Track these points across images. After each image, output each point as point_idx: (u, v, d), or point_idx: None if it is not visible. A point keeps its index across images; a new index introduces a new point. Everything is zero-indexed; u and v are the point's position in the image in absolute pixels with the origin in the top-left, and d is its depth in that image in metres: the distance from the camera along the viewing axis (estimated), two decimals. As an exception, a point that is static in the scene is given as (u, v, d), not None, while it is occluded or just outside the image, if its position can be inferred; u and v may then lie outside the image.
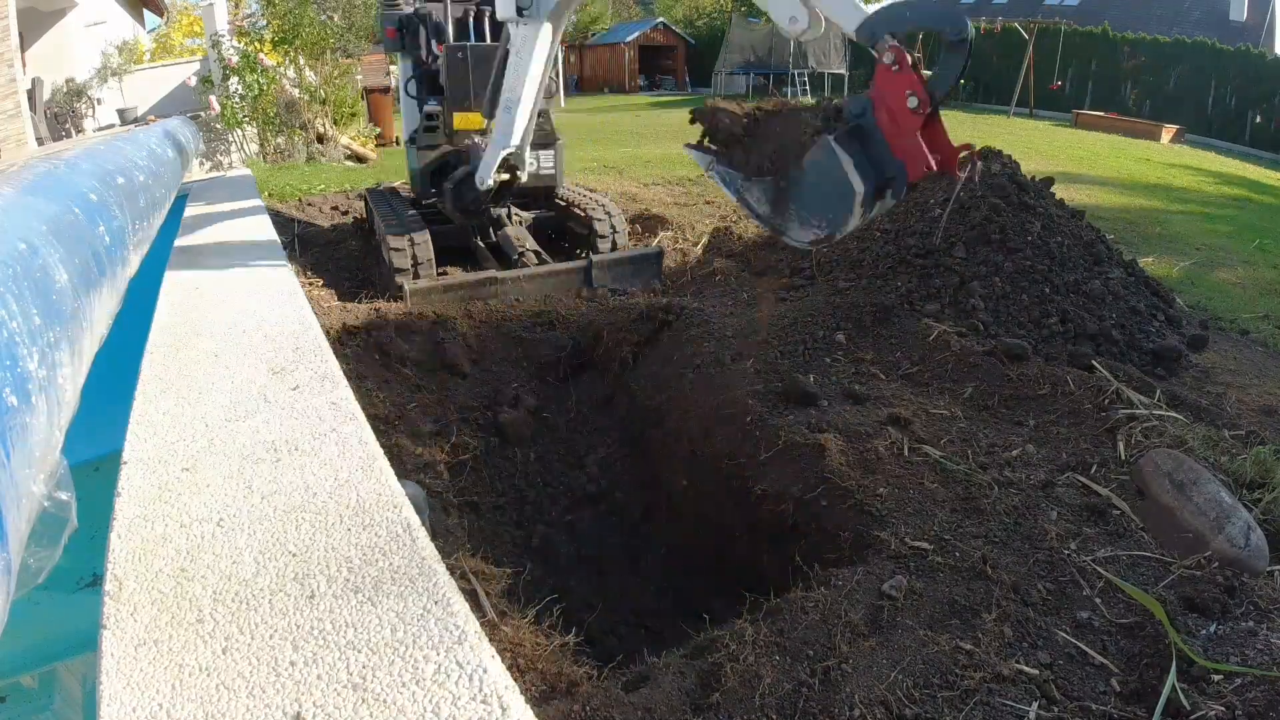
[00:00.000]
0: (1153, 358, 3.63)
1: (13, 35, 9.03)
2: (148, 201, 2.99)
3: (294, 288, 2.99)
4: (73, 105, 10.98)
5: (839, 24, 2.50)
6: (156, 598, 1.23)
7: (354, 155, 11.22)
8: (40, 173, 2.11)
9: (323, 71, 11.23)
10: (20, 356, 1.17)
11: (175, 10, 18.06)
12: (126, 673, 1.08)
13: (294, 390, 1.99)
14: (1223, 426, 2.97)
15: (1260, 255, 6.56)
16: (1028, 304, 3.74)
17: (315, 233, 6.10)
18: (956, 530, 2.34)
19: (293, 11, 10.36)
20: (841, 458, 2.71)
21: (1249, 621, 1.96)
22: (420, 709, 1.00)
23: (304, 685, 1.05)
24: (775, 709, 1.73)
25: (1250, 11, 23.26)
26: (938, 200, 4.32)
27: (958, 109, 20.01)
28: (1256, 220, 8.19)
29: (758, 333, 3.74)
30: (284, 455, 1.66)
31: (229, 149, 10.48)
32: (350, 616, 1.18)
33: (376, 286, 4.75)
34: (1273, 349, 4.23)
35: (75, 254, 1.72)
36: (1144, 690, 1.77)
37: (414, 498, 2.02)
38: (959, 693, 1.75)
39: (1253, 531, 2.26)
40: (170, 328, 2.52)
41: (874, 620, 1.98)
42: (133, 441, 1.75)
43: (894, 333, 3.70)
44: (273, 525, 1.42)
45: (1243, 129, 18.65)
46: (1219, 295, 5.19)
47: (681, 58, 31.58)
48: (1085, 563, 2.18)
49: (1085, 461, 2.71)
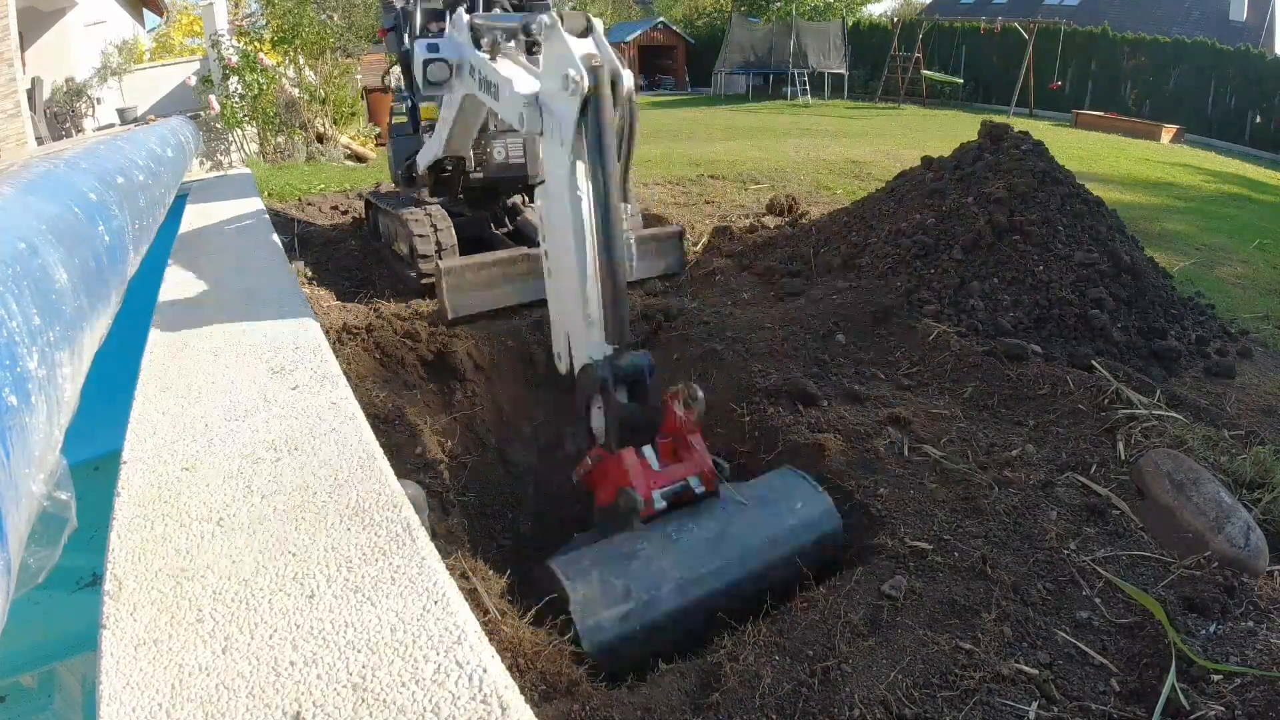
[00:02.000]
0: (1152, 357, 3.63)
1: (13, 35, 9.02)
2: (148, 201, 2.99)
3: (294, 287, 2.99)
4: (72, 105, 10.97)
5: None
6: (156, 597, 1.23)
7: (354, 155, 11.22)
8: (40, 172, 2.11)
9: (322, 71, 11.23)
10: (20, 356, 1.17)
11: (175, 10, 18.06)
12: (126, 673, 1.08)
13: (294, 390, 1.99)
14: (1223, 426, 2.97)
15: (1260, 255, 6.56)
16: (1028, 304, 3.74)
17: (315, 232, 6.09)
18: (956, 530, 2.34)
19: (292, 11, 10.36)
20: (841, 458, 2.71)
21: (1249, 621, 1.96)
22: (420, 709, 1.00)
23: (304, 685, 1.05)
24: (775, 709, 1.73)
25: (1250, 11, 23.26)
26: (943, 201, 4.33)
27: (958, 109, 20.03)
28: (1256, 220, 8.19)
29: (758, 333, 3.74)
30: (284, 455, 1.66)
31: (229, 149, 10.48)
32: (350, 616, 1.18)
33: (377, 286, 4.74)
34: (1273, 349, 4.23)
35: (75, 254, 1.72)
36: (1144, 690, 1.77)
37: (414, 498, 2.02)
38: (959, 692, 1.75)
39: (1252, 531, 2.26)
40: (170, 327, 2.52)
41: (874, 620, 1.98)
42: (132, 441, 1.75)
43: (894, 333, 3.70)
44: (273, 525, 1.42)
45: (1243, 129, 18.65)
46: (1219, 295, 5.18)
47: (681, 57, 31.58)
48: (1085, 563, 2.18)
49: (1085, 461, 2.70)
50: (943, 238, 4.11)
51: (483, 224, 5.06)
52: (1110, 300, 3.76)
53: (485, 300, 4.07)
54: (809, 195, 7.26)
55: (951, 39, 22.97)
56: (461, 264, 4.09)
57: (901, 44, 21.56)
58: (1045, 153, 4.42)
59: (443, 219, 4.51)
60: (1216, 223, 7.68)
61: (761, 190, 7.56)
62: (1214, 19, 23.32)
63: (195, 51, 14.15)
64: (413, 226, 4.42)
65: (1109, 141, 14.29)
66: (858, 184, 7.70)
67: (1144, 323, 3.79)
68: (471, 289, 4.04)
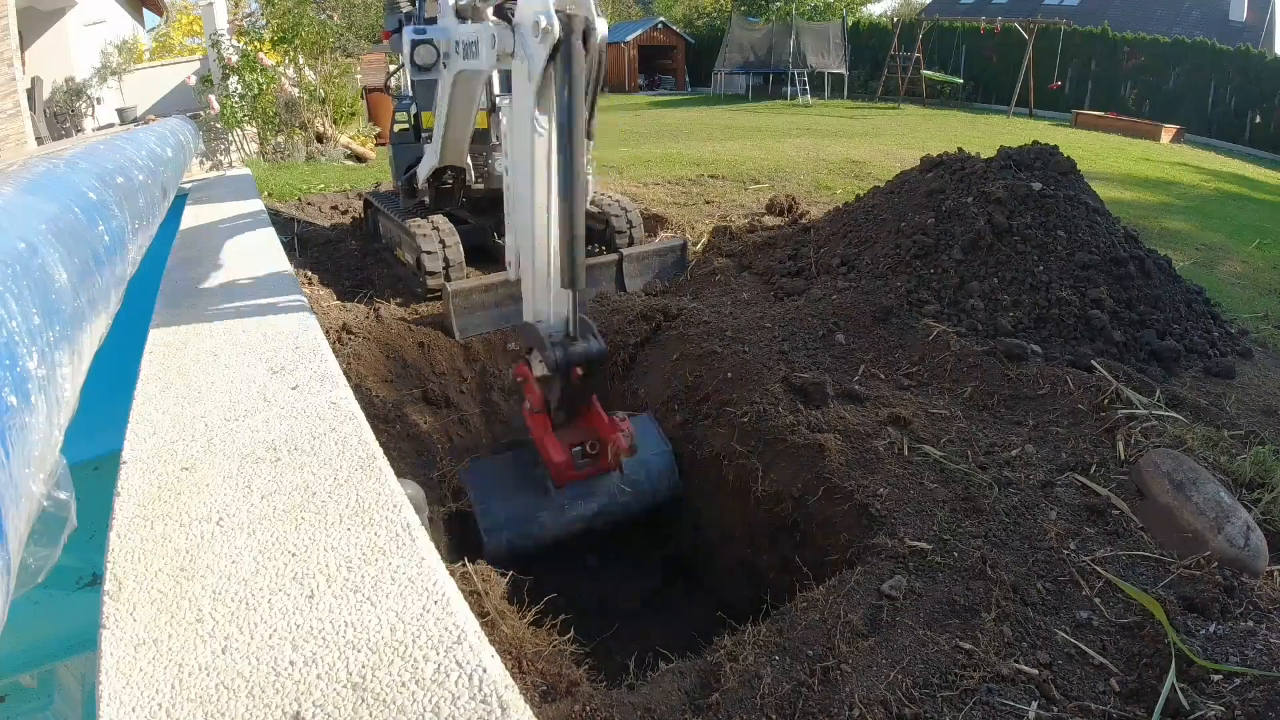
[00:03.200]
0: (1152, 357, 3.63)
1: (12, 34, 9.02)
2: (147, 201, 2.99)
3: (294, 287, 2.99)
4: (72, 104, 10.98)
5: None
6: (156, 597, 1.23)
7: (353, 155, 11.22)
8: (40, 172, 2.11)
9: (322, 71, 11.23)
10: (20, 356, 1.16)
11: (175, 9, 18.06)
12: (126, 672, 1.08)
13: (293, 389, 1.99)
14: (1222, 426, 2.97)
15: (1260, 255, 6.56)
16: (1029, 305, 3.74)
17: (315, 232, 6.09)
18: (956, 530, 2.34)
19: (292, 11, 10.36)
20: (841, 458, 2.71)
21: (1248, 621, 1.96)
22: (420, 709, 1.00)
23: (304, 685, 1.05)
24: (775, 709, 1.73)
25: (1250, 11, 23.25)
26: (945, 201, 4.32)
27: (957, 109, 20.02)
28: (1255, 220, 8.19)
29: (757, 332, 3.74)
30: (284, 455, 1.66)
31: (229, 148, 10.47)
32: (350, 616, 1.18)
33: (377, 286, 4.74)
34: (1272, 349, 4.22)
35: (75, 253, 1.72)
36: (1143, 690, 1.77)
37: (414, 498, 2.02)
38: (958, 692, 1.75)
39: (1252, 532, 2.26)
40: (170, 327, 2.52)
41: (873, 620, 1.98)
42: (132, 441, 1.75)
43: (894, 333, 3.70)
44: (273, 525, 1.42)
45: (1243, 129, 18.62)
46: (1219, 294, 5.18)
47: (681, 57, 31.57)
48: (1085, 563, 2.18)
49: (1085, 461, 2.70)
50: (943, 238, 4.11)
51: (485, 233, 5.07)
52: (1110, 300, 3.75)
53: (492, 320, 4.19)
54: (809, 195, 7.26)
55: (951, 39, 22.96)
56: (469, 286, 4.19)
57: (901, 44, 21.55)
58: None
59: (450, 233, 4.53)
60: (1216, 222, 7.68)
61: (761, 190, 7.56)
62: (1214, 19, 23.31)
63: (195, 51, 14.17)
64: (420, 241, 4.44)
65: (1109, 141, 14.28)
66: (857, 184, 7.70)
67: (1144, 322, 3.79)
68: (479, 310, 4.15)
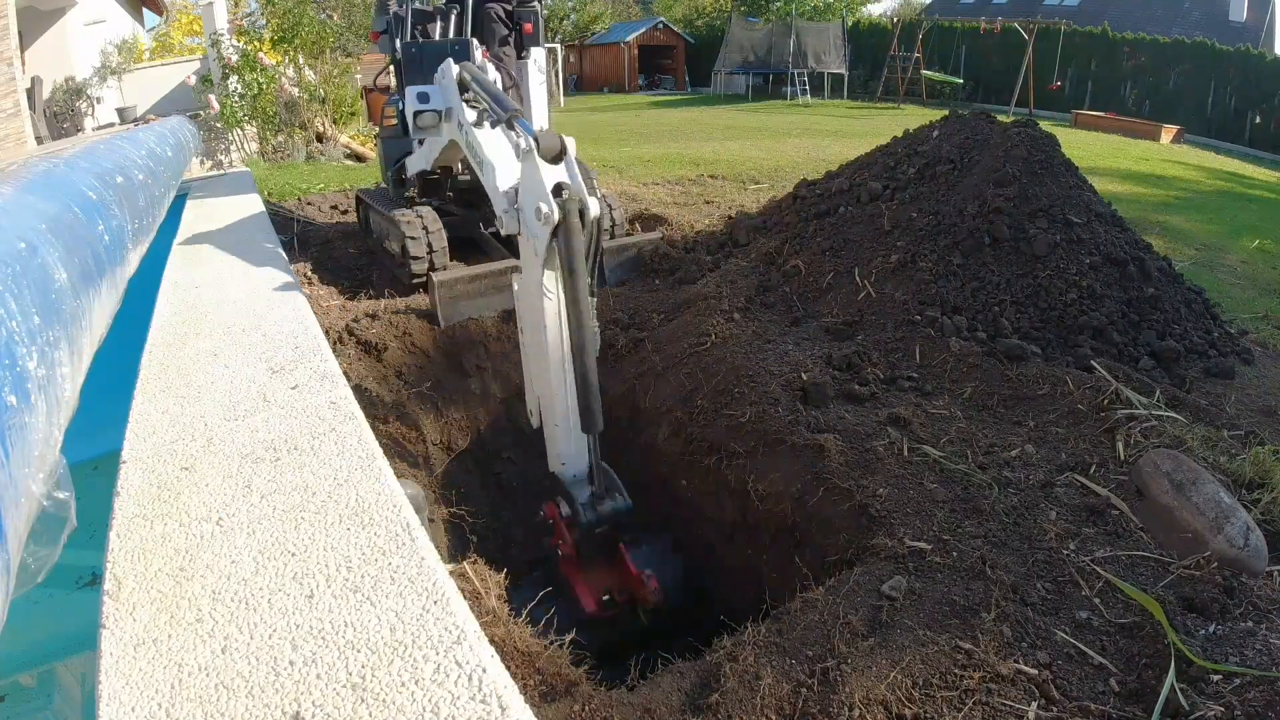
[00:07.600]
0: (1152, 357, 3.63)
1: (12, 34, 9.02)
2: (147, 200, 2.99)
3: (294, 287, 2.99)
4: (72, 104, 10.97)
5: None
6: (155, 597, 1.23)
7: (353, 154, 11.22)
8: (39, 172, 2.11)
9: (322, 70, 11.23)
10: (20, 356, 1.17)
11: (175, 9, 18.06)
12: (126, 672, 1.08)
13: (293, 389, 1.99)
14: (1222, 426, 2.97)
15: (1259, 255, 6.56)
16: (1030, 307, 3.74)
17: (315, 232, 6.09)
18: (956, 530, 2.34)
19: (292, 10, 10.35)
20: (841, 458, 2.71)
21: (1248, 622, 1.96)
22: (419, 709, 1.00)
23: (303, 685, 1.05)
24: (775, 709, 1.73)
25: (1250, 11, 23.27)
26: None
27: (957, 109, 20.01)
28: (1255, 219, 8.19)
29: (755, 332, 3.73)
30: (283, 455, 1.66)
31: (228, 148, 10.47)
32: (349, 616, 1.18)
33: (376, 285, 4.75)
34: (1272, 349, 4.23)
35: (75, 253, 1.72)
36: (1143, 690, 1.77)
37: (413, 498, 2.02)
38: (958, 693, 1.75)
39: (1251, 532, 2.26)
40: (170, 327, 2.52)
41: (873, 620, 1.98)
42: (132, 441, 1.75)
43: (893, 333, 3.69)
44: (272, 525, 1.42)
45: (1242, 129, 18.64)
46: (1218, 294, 5.18)
47: (681, 57, 31.59)
48: (1084, 563, 2.18)
49: (1084, 461, 2.70)
50: (943, 238, 4.10)
51: (472, 224, 5.11)
52: (1110, 301, 3.75)
53: (475, 309, 4.29)
54: (809, 195, 7.26)
55: (951, 39, 22.96)
56: (453, 277, 4.27)
57: (901, 44, 21.56)
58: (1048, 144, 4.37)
59: (434, 221, 4.62)
60: (1215, 222, 7.69)
61: (761, 190, 7.56)
62: (1214, 19, 23.33)
63: (195, 51, 14.16)
64: (405, 229, 4.52)
65: (1109, 142, 14.28)
66: (857, 184, 7.68)
67: (1144, 323, 3.79)
68: (463, 299, 4.23)
